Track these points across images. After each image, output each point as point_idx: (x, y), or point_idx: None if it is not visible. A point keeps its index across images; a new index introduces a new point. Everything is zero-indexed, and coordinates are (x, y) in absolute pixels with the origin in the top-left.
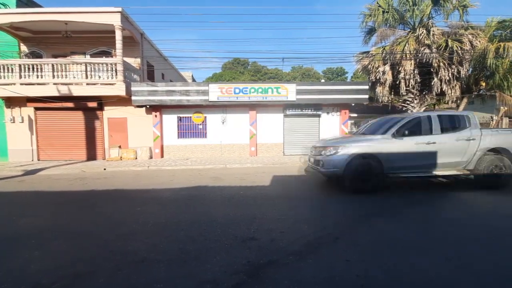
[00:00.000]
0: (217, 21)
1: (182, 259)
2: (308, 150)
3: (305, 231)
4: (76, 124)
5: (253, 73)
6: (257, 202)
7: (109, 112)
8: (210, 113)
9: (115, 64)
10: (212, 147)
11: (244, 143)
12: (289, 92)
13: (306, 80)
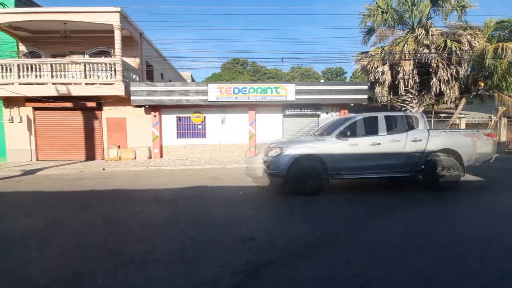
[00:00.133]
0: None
1: (182, 259)
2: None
3: (305, 231)
4: (75, 124)
5: (252, 73)
6: (256, 202)
7: (108, 112)
8: (209, 113)
9: (114, 64)
10: (211, 147)
11: (243, 143)
12: (288, 92)
13: (305, 80)
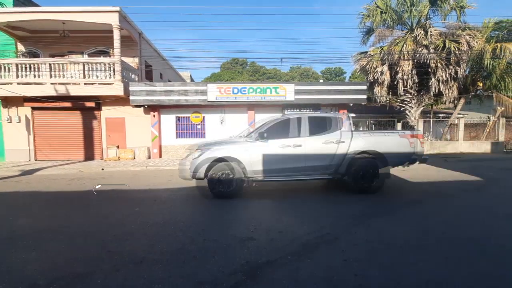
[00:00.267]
0: (216, 21)
1: (181, 259)
2: None
3: (304, 231)
4: (74, 124)
5: (252, 73)
6: (256, 202)
7: (107, 112)
8: (208, 113)
9: (113, 63)
10: None
11: None
12: (288, 92)
13: (305, 80)
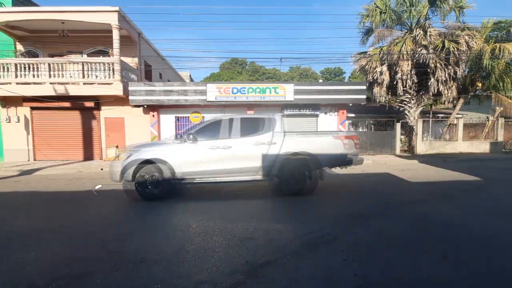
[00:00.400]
0: (215, 21)
1: (180, 259)
2: None
3: (304, 231)
4: (73, 124)
5: (251, 73)
6: (255, 201)
7: (106, 111)
8: (208, 113)
9: (112, 63)
10: None
11: None
12: (287, 92)
13: (304, 80)
